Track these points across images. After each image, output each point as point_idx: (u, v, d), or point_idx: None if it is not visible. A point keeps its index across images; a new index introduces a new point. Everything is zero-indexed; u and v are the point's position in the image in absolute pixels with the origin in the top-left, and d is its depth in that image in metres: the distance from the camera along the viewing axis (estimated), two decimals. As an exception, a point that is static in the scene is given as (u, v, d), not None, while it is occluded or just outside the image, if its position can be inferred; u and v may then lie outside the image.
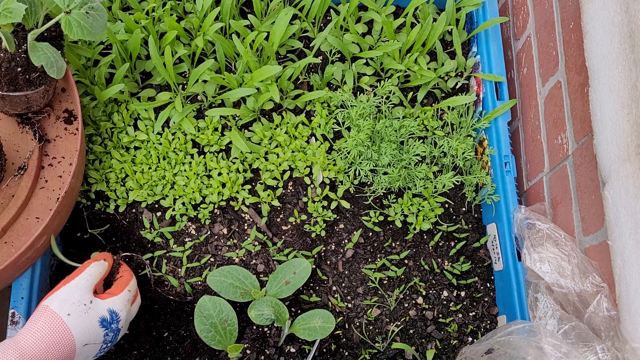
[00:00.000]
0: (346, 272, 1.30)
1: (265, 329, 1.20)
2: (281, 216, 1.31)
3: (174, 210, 1.28)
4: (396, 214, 1.31)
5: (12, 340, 0.93)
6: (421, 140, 1.36)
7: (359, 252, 1.31)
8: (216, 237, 1.28)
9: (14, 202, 1.10)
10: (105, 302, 1.04)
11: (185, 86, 1.35)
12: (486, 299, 1.30)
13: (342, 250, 1.31)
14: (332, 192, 1.32)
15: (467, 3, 1.40)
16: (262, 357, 1.18)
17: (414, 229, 1.31)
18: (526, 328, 1.05)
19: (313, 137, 1.36)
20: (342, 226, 1.32)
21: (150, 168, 1.29)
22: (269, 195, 1.30)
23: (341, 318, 1.26)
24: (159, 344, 1.24)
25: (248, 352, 1.17)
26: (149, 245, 1.28)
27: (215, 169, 1.29)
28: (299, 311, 1.24)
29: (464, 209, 1.36)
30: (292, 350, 1.20)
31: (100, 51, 1.32)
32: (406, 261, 1.31)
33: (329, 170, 1.32)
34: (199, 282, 1.25)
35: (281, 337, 1.19)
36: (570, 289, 1.07)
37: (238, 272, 1.21)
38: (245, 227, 1.29)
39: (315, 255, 1.29)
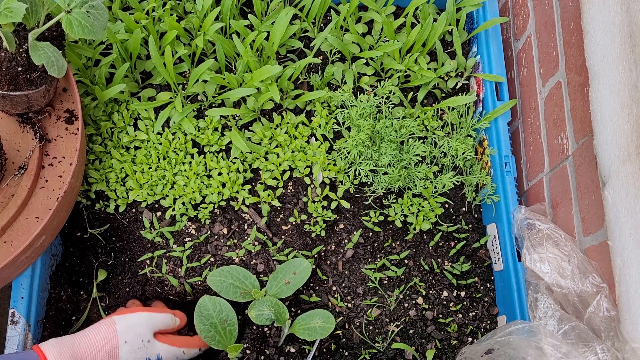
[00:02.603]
0: (346, 272, 1.30)
1: (265, 329, 1.20)
2: (281, 216, 1.31)
3: (174, 210, 1.28)
4: (396, 214, 1.31)
5: (70, 339, 1.01)
6: (421, 141, 1.36)
7: (359, 252, 1.31)
8: (216, 237, 1.28)
9: (14, 202, 1.10)
10: (160, 346, 1.12)
11: (185, 86, 1.35)
12: (486, 299, 1.30)
13: (342, 250, 1.31)
14: (332, 192, 1.32)
15: (467, 3, 1.40)
16: (262, 357, 1.18)
17: (414, 229, 1.31)
18: (526, 328, 1.05)
19: (313, 137, 1.36)
20: (342, 226, 1.32)
21: (150, 168, 1.29)
22: (269, 195, 1.30)
23: (341, 318, 1.26)
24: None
25: (248, 352, 1.17)
26: (149, 245, 1.28)
27: (215, 168, 1.29)
28: (299, 311, 1.24)
29: (464, 209, 1.36)
30: (292, 350, 1.20)
31: (101, 51, 1.32)
32: (406, 261, 1.31)
33: (329, 170, 1.32)
34: (199, 282, 1.25)
35: (281, 337, 1.19)
36: (570, 289, 1.07)
37: (238, 272, 1.21)
38: (245, 227, 1.29)
39: (315, 255, 1.29)
